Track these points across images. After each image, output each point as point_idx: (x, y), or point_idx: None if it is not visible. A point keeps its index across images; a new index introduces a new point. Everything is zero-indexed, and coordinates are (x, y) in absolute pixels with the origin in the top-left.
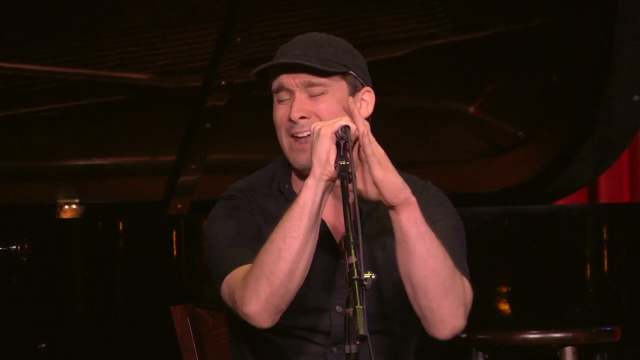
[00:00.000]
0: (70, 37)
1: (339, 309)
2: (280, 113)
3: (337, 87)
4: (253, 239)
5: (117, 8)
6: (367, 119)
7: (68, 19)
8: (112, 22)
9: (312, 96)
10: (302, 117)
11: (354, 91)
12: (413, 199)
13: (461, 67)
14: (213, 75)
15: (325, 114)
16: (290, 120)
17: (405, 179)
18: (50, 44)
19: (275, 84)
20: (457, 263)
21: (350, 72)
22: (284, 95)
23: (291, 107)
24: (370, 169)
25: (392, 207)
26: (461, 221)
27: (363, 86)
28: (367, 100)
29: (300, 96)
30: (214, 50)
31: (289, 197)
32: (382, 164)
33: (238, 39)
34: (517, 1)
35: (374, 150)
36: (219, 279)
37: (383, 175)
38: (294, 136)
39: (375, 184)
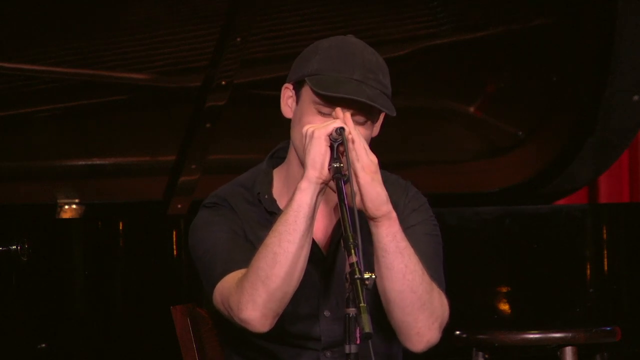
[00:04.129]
0: (70, 37)
1: (327, 313)
2: (317, 123)
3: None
4: (241, 245)
5: (117, 8)
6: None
7: (68, 19)
8: (112, 22)
9: (357, 120)
10: None
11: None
12: (394, 214)
13: (461, 67)
14: (213, 75)
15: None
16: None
17: (387, 179)
18: (50, 44)
19: (323, 98)
20: (432, 273)
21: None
22: (327, 109)
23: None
24: (355, 175)
25: (372, 219)
26: (438, 227)
27: None
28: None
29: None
30: (214, 50)
31: (268, 208)
32: (367, 172)
33: (238, 39)
34: (517, 1)
35: (358, 157)
36: (210, 286)
37: (368, 184)
38: None
39: (360, 191)
